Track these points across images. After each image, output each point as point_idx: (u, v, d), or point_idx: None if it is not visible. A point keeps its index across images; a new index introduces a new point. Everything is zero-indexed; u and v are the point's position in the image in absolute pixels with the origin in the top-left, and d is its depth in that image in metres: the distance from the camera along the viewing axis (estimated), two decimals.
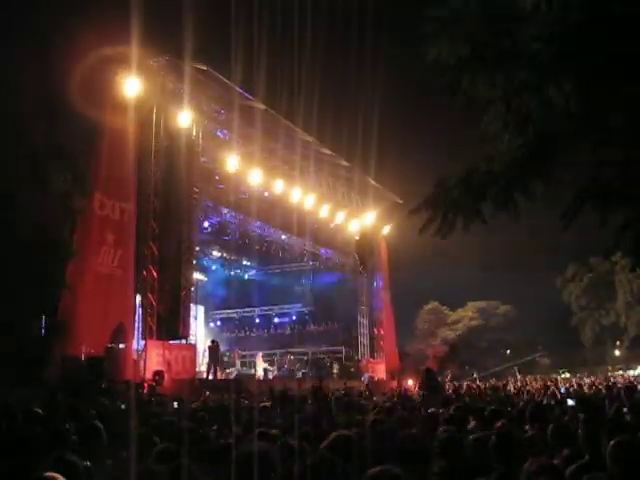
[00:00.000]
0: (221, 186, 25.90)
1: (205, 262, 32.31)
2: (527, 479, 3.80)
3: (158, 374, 19.30)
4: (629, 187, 4.59)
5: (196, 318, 28.23)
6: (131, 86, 20.32)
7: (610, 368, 50.68)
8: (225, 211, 27.62)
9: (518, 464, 4.25)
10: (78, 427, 5.87)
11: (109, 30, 18.05)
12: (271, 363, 32.49)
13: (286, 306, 37.05)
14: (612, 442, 3.96)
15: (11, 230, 17.59)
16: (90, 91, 18.51)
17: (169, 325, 21.51)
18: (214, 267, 34.47)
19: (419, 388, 13.07)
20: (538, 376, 42.55)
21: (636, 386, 17.51)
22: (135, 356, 19.95)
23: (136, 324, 20.92)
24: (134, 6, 16.66)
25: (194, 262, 24.16)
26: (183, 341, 22.44)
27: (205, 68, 21.37)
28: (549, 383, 27.30)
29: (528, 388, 23.60)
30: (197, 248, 25.06)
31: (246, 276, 36.13)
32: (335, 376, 31.03)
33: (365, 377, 32.17)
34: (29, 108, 17.94)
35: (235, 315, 37.29)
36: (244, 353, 32.56)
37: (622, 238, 4.86)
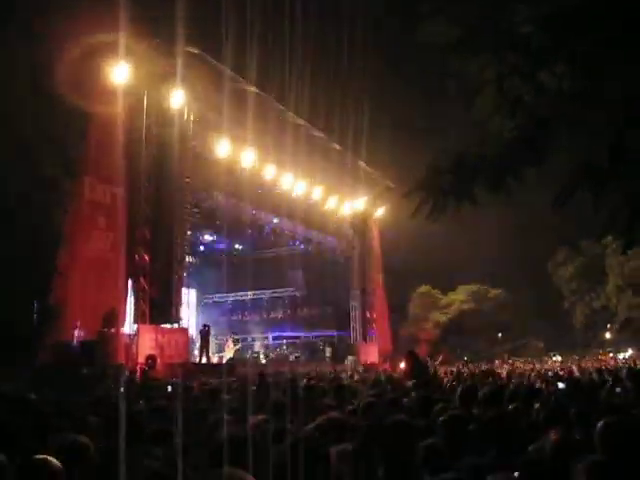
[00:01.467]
0: (212, 170, 25.81)
1: (197, 246, 32.26)
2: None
3: (151, 358, 19.35)
4: (624, 168, 4.58)
5: (188, 302, 28.28)
6: (121, 70, 20.20)
7: (601, 351, 51.03)
8: (216, 194, 27.55)
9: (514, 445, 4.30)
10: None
11: (98, 14, 17.87)
12: (265, 347, 32.63)
13: (278, 290, 37.10)
14: (600, 423, 3.98)
15: (2, 217, 17.52)
16: (80, 76, 18.38)
17: (161, 309, 21.53)
18: (206, 251, 34.43)
19: (407, 377, 13.02)
20: (528, 359, 42.88)
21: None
22: (127, 340, 19.98)
23: (128, 308, 20.92)
24: None
25: (186, 246, 24.13)
26: (175, 325, 22.47)
27: (196, 51, 21.25)
28: (537, 366, 27.45)
29: (518, 372, 23.69)
30: (189, 232, 25.01)
31: (238, 260, 36.10)
32: (328, 360, 31.17)
33: (349, 360, 31.93)
34: (17, 93, 17.79)
35: (227, 299, 37.33)
36: (236, 337, 32.63)
37: (615, 219, 4.86)
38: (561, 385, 11.67)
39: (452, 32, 4.84)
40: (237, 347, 30.34)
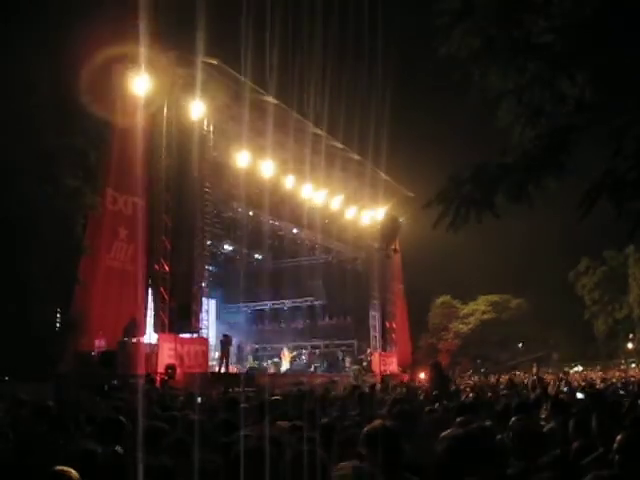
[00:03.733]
0: (233, 180, 25.92)
1: (217, 256, 32.34)
2: None
3: (170, 368, 19.37)
4: None
5: (208, 312, 28.33)
6: (142, 82, 20.38)
7: (623, 361, 50.43)
8: (236, 205, 27.64)
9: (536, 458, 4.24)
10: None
11: (119, 27, 18.08)
12: (284, 357, 32.58)
13: (298, 300, 37.03)
14: (620, 436, 3.92)
15: (25, 228, 17.69)
16: (101, 88, 18.58)
17: (181, 319, 21.58)
18: (226, 261, 34.50)
19: (430, 388, 12.94)
20: (550, 370, 42.44)
21: None
22: (148, 350, 20.03)
23: (148, 318, 21.00)
24: (143, 2, 16.66)
25: (206, 256, 24.21)
26: (195, 335, 22.52)
27: (216, 62, 21.38)
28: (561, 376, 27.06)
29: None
30: (209, 242, 25.10)
31: (257, 270, 36.10)
32: (347, 370, 31.03)
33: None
34: (42, 107, 18.00)
35: (247, 309, 37.33)
36: (257, 346, 32.64)
37: (637, 228, 4.81)
38: (580, 395, 11.55)
39: (472, 43, 4.84)
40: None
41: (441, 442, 3.76)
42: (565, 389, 16.94)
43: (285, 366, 29.73)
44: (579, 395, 11.69)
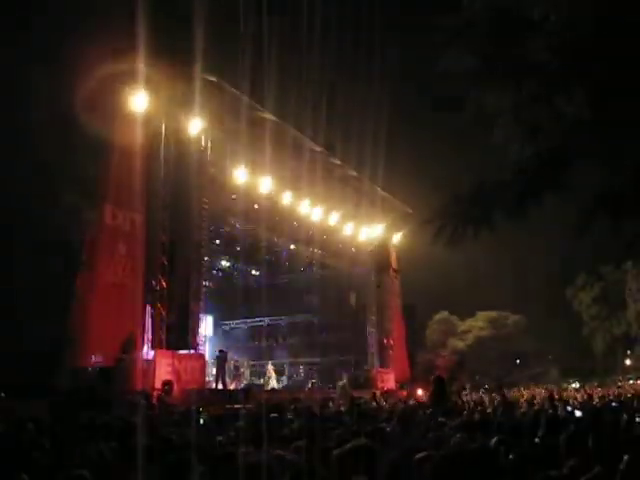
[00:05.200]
0: (230, 196, 25.94)
1: (214, 272, 32.30)
2: None
3: (167, 384, 19.30)
4: None
5: (205, 328, 28.26)
6: (140, 98, 20.44)
7: (621, 378, 50.34)
8: (233, 220, 27.65)
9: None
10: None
11: (117, 44, 18.18)
12: (281, 373, 32.46)
13: (295, 316, 36.97)
14: (627, 457, 3.91)
15: (22, 244, 17.70)
16: (99, 104, 18.64)
17: (178, 335, 21.53)
18: (223, 277, 34.47)
19: (430, 401, 12.91)
20: (547, 386, 42.30)
21: None
22: (145, 366, 19.95)
23: (145, 334, 20.93)
24: (142, 19, 16.79)
25: (203, 272, 24.18)
26: (192, 351, 22.44)
27: (214, 79, 21.46)
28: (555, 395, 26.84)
29: (536, 400, 23.23)
30: (206, 258, 25.09)
31: (255, 286, 36.05)
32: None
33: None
34: (40, 124, 18.07)
35: (244, 325, 37.26)
36: (253, 363, 32.52)
37: (635, 244, 4.82)
38: (578, 413, 11.48)
39: (468, 60, 4.87)
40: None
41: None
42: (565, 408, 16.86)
43: (272, 383, 29.46)
44: (577, 413, 11.63)
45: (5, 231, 17.16)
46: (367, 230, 34.56)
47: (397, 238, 37.49)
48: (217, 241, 28.73)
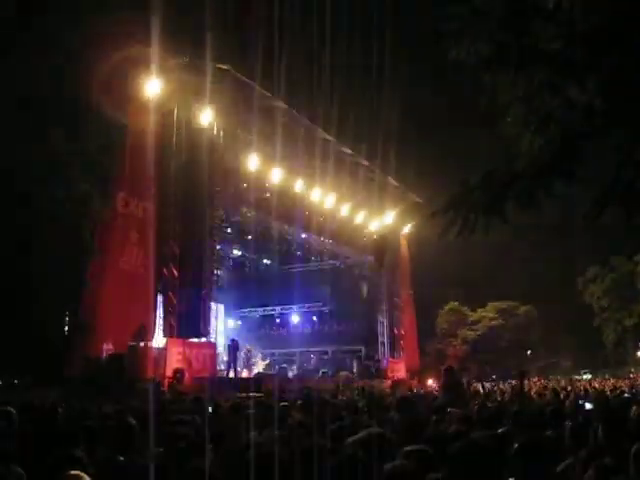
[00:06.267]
0: (242, 185, 25.96)
1: (225, 261, 32.38)
2: None
3: (179, 372, 19.41)
4: None
5: (216, 317, 28.36)
6: (152, 87, 20.47)
7: (633, 369, 50.14)
8: (245, 209, 27.69)
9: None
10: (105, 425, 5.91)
11: (130, 32, 18.18)
12: (292, 362, 32.57)
13: (306, 305, 37.04)
14: (636, 446, 3.90)
15: (32, 231, 17.78)
16: (112, 92, 18.68)
17: (189, 323, 21.62)
18: (234, 265, 34.54)
19: (442, 390, 12.93)
20: (558, 377, 42.23)
21: None
22: (156, 354, 20.06)
23: (157, 322, 21.03)
24: (155, 7, 16.78)
25: (214, 260, 24.24)
26: (203, 339, 22.55)
27: (226, 67, 21.44)
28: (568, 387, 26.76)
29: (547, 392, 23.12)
30: (218, 247, 25.15)
31: (266, 275, 36.13)
32: (354, 375, 30.95)
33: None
34: (50, 110, 18.11)
35: (255, 314, 37.38)
36: (264, 352, 32.62)
37: None
38: (588, 406, 11.40)
39: (481, 49, 4.84)
40: (267, 362, 30.38)
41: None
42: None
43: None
44: (587, 405, 11.54)
45: (18, 219, 17.29)
46: (378, 219, 34.49)
47: (408, 228, 37.46)
48: (229, 230, 28.75)
